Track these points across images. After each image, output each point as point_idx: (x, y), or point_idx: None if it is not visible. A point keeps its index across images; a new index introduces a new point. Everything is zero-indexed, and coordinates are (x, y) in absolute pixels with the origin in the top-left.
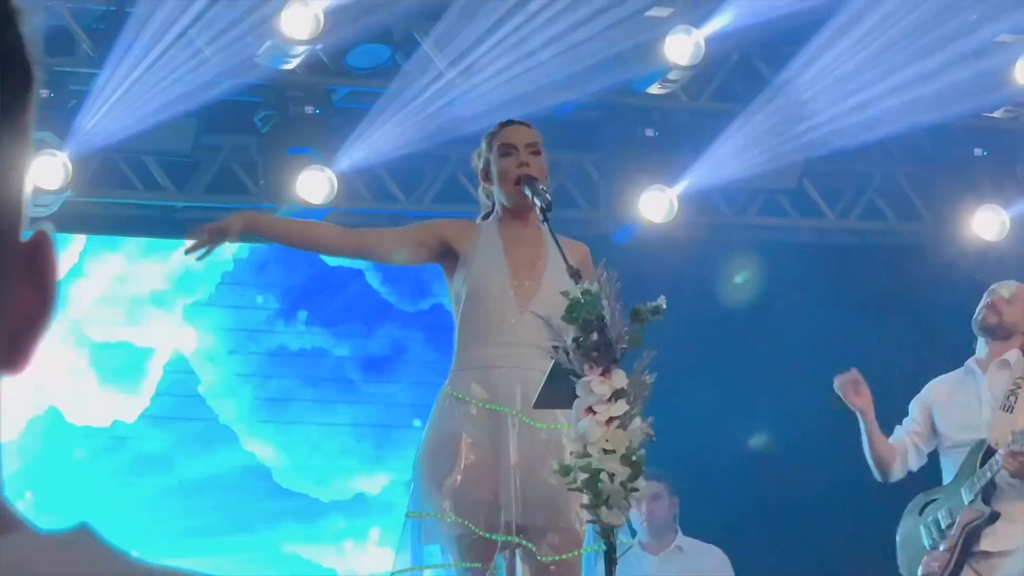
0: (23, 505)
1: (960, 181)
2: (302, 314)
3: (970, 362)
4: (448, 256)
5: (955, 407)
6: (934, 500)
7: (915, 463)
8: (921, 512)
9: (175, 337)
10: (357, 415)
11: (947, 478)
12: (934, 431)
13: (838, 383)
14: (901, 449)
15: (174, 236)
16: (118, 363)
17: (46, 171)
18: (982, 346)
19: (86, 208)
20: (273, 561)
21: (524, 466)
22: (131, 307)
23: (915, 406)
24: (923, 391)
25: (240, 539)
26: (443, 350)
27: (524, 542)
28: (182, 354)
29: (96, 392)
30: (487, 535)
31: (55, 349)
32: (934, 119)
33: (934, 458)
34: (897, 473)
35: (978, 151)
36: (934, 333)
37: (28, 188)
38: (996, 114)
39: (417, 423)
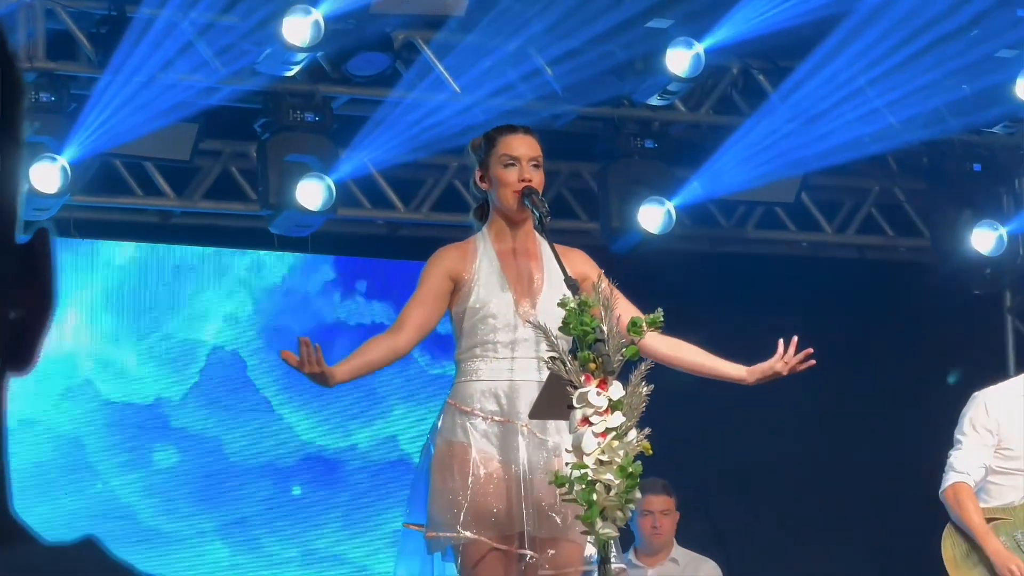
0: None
1: (959, 196)
2: (360, 285)
3: None
4: (456, 289)
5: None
6: (998, 520)
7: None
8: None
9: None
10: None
11: (1005, 498)
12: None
13: None
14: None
15: (172, 242)
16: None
17: (45, 175)
18: None
19: (84, 212)
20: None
21: (535, 477)
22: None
23: (984, 427)
24: (986, 408)
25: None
26: None
27: (533, 555)
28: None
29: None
30: (503, 547)
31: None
32: (933, 134)
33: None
34: None
35: (977, 166)
36: (933, 347)
37: (22, 192)
38: (995, 129)
39: None
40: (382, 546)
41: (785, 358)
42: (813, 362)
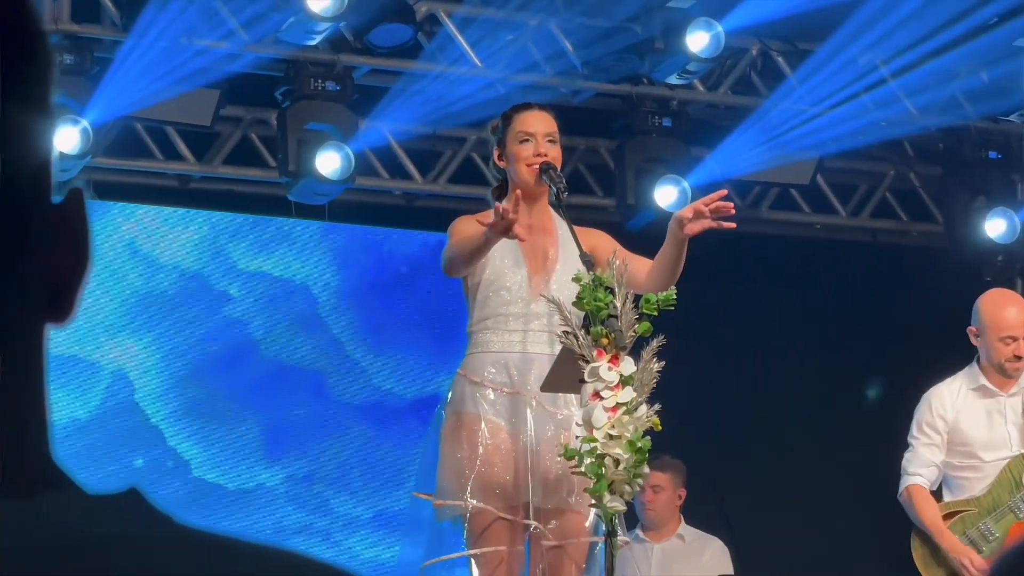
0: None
1: (973, 183)
2: None
3: (984, 381)
4: None
5: (981, 425)
6: (961, 512)
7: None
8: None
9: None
10: None
11: (966, 492)
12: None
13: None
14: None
15: (190, 205)
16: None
17: (67, 136)
18: (995, 374)
19: (104, 174)
20: None
21: (542, 449)
22: None
23: (931, 426)
24: (930, 407)
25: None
26: None
27: (538, 525)
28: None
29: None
30: (509, 517)
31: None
32: (950, 120)
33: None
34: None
35: (992, 154)
36: (944, 333)
37: (54, 154)
38: (1011, 118)
39: None
40: None
41: (705, 200)
42: (733, 225)
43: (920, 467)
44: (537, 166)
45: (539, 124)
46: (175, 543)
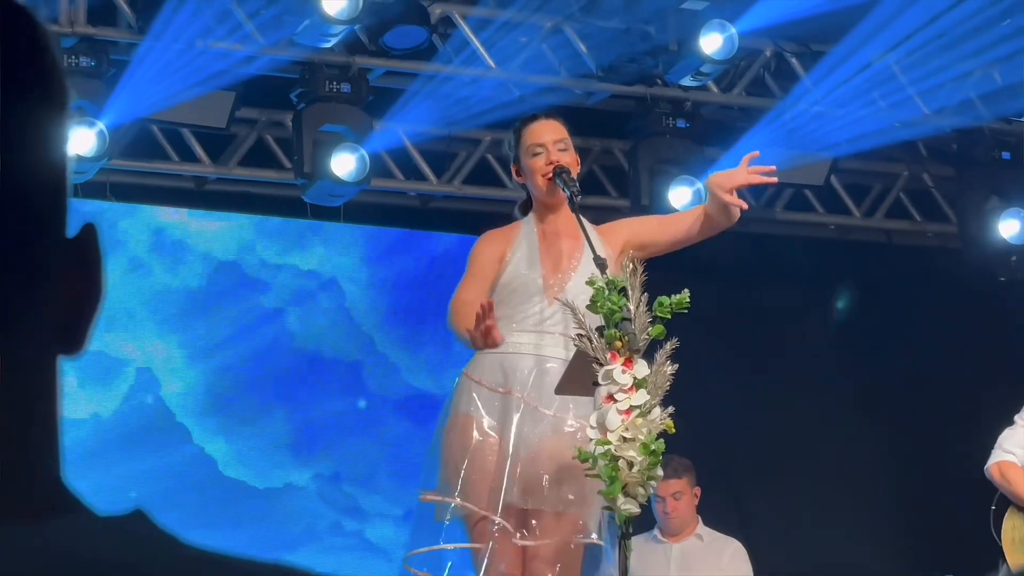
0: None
1: (986, 184)
2: None
3: None
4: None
5: None
6: None
7: None
8: None
9: None
10: None
11: None
12: None
13: None
14: None
15: (206, 207)
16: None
17: (84, 138)
18: None
19: (121, 176)
20: None
21: (523, 450)
22: None
23: None
24: None
25: None
26: None
27: (504, 523)
28: None
29: None
30: (493, 516)
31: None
32: (963, 122)
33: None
34: None
35: (1005, 155)
36: (957, 333)
37: (70, 159)
38: None
39: None
40: None
41: (748, 169)
42: (775, 179)
43: (1016, 447)
44: (550, 175)
45: (548, 133)
46: (180, 566)
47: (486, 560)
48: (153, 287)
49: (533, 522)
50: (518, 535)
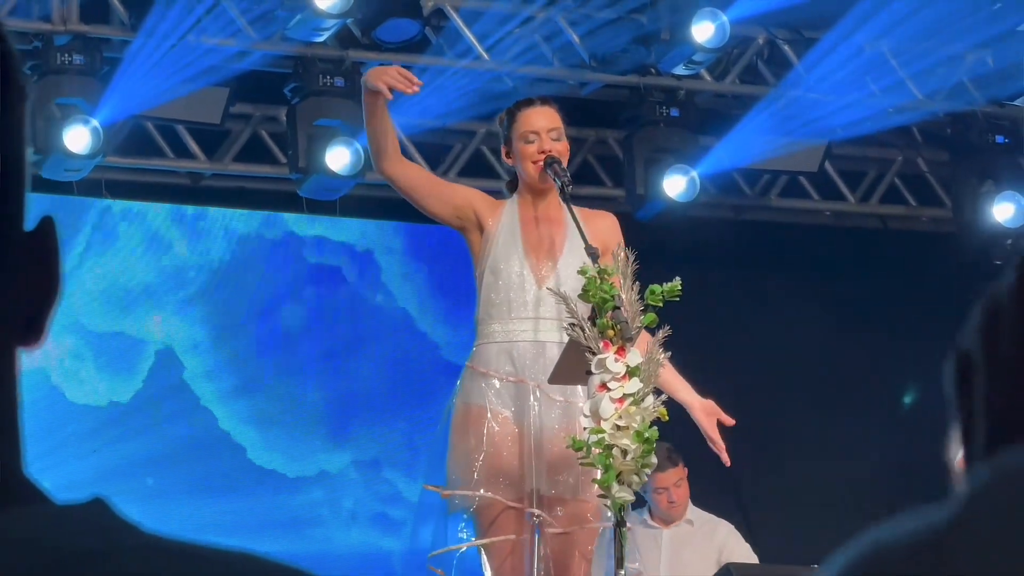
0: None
1: (981, 168)
2: None
3: None
4: (473, 229)
5: None
6: None
7: None
8: None
9: None
10: None
11: None
12: None
13: None
14: None
15: (201, 203)
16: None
17: (78, 136)
18: None
19: (116, 173)
20: None
21: (546, 436)
22: None
23: None
24: None
25: None
26: None
27: (541, 514)
28: None
29: None
30: (517, 506)
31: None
32: (957, 106)
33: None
34: None
35: (1000, 139)
36: (953, 318)
37: (27, 179)
38: (1018, 102)
39: None
40: None
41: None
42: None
43: None
44: (541, 163)
45: (542, 120)
46: (142, 553)
47: (514, 553)
48: (174, 262)
49: (558, 509)
50: (547, 524)
